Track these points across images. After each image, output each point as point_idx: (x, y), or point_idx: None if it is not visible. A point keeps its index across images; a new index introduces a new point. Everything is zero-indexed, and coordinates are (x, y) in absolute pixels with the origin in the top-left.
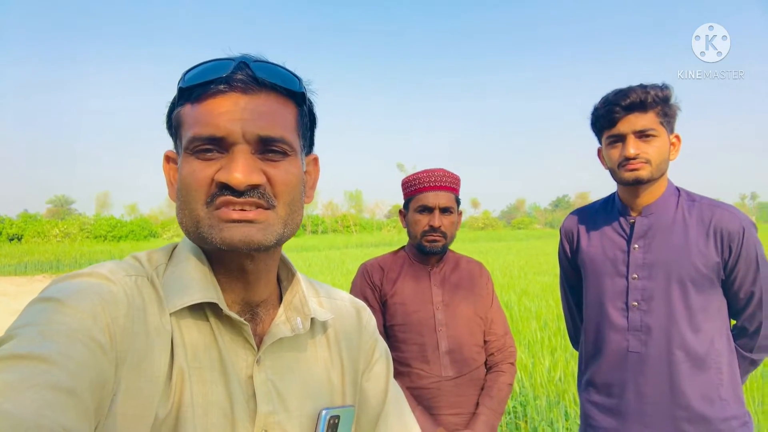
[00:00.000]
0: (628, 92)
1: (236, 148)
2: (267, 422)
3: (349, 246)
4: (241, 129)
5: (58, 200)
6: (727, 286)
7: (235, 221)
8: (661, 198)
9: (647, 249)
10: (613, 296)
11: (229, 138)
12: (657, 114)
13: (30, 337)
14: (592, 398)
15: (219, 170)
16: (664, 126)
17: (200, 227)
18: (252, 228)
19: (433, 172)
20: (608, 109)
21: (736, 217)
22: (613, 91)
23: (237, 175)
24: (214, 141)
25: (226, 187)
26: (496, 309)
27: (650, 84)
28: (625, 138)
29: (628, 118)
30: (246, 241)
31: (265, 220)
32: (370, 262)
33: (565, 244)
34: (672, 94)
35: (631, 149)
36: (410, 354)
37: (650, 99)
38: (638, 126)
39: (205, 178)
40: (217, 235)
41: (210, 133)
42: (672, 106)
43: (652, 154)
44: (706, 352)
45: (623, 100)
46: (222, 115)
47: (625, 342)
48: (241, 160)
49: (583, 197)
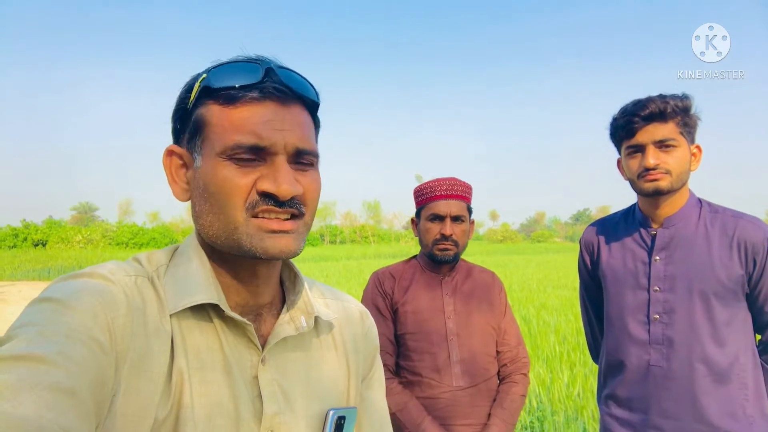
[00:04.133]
0: (648, 102)
1: (278, 159)
2: (273, 422)
3: (366, 256)
4: (282, 140)
5: (83, 207)
6: (752, 300)
7: (274, 231)
8: (683, 209)
9: (669, 261)
10: (634, 309)
11: (271, 149)
12: (677, 124)
13: (29, 337)
14: (613, 412)
15: (259, 178)
16: (684, 136)
17: (238, 234)
18: (289, 238)
19: (444, 180)
20: (627, 119)
21: (760, 229)
22: (632, 101)
23: (286, 187)
24: (255, 150)
25: (270, 196)
26: (509, 319)
27: (670, 94)
28: (645, 148)
29: (647, 128)
30: (285, 252)
31: (297, 230)
32: (381, 271)
33: (585, 256)
34: (692, 104)
35: (651, 159)
36: (421, 363)
37: (670, 109)
38: (658, 136)
39: (246, 185)
40: (258, 245)
41: (253, 143)
42: (692, 116)
43: (672, 164)
44: (730, 366)
45: (642, 111)
46: (264, 124)
47: (647, 356)
48: (284, 170)
49: (604, 210)
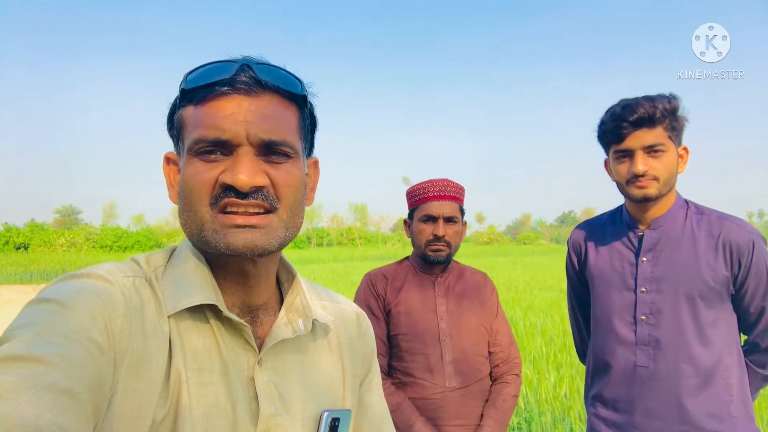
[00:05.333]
0: (636, 107)
1: (240, 150)
2: (269, 424)
3: (353, 259)
4: (245, 131)
5: (65, 210)
6: (738, 301)
7: (238, 226)
8: (670, 211)
9: (655, 262)
10: (620, 310)
11: (233, 140)
12: (665, 128)
13: (27, 338)
14: (599, 413)
15: (223, 172)
16: (672, 140)
17: (204, 231)
18: (255, 233)
19: (437, 181)
20: (616, 124)
21: (745, 231)
22: (620, 103)
23: (242, 177)
24: (218, 143)
25: (230, 188)
26: (501, 320)
27: (657, 95)
28: (633, 153)
29: (636, 134)
30: (250, 247)
31: (268, 225)
32: (374, 272)
33: (572, 256)
34: (680, 105)
35: (640, 166)
36: (414, 364)
37: (659, 113)
38: (647, 142)
39: (210, 179)
40: (222, 241)
41: (215, 136)
42: (680, 118)
43: (660, 170)
44: (715, 367)
45: (631, 116)
46: (226, 117)
47: (633, 357)
48: (245, 162)
49: (588, 213)
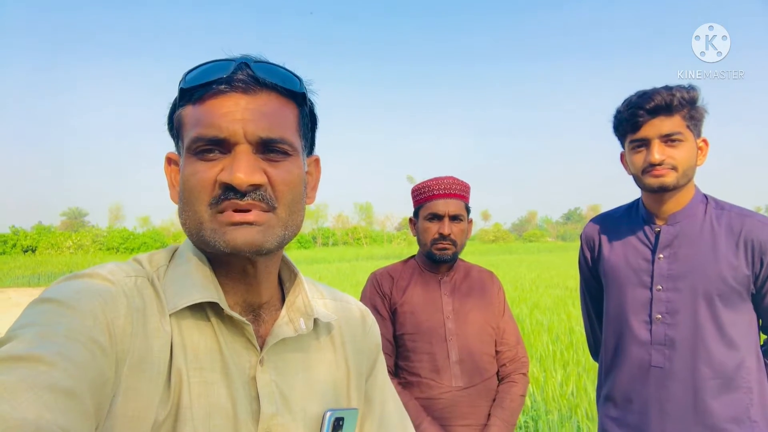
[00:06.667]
0: (653, 94)
1: (238, 149)
2: (271, 424)
3: (359, 258)
4: (242, 129)
5: (72, 212)
6: (758, 301)
7: (236, 224)
8: (688, 206)
9: (673, 259)
10: (635, 308)
11: (231, 139)
12: (683, 117)
13: (29, 338)
14: (611, 413)
15: (221, 171)
16: (691, 130)
17: (203, 230)
18: (253, 230)
19: (442, 179)
20: (632, 112)
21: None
22: (637, 93)
23: (239, 175)
24: (216, 142)
25: (229, 188)
26: (508, 318)
27: (676, 85)
28: (650, 143)
29: (652, 122)
30: (249, 244)
31: (266, 222)
32: (379, 271)
33: (585, 251)
34: (699, 95)
35: (656, 154)
36: (420, 364)
37: (676, 102)
38: (664, 130)
39: (209, 179)
40: (221, 239)
41: (213, 135)
42: (699, 108)
43: (678, 159)
44: (735, 369)
45: (648, 103)
46: (224, 115)
47: (648, 356)
48: (243, 160)
49: (594, 209)
